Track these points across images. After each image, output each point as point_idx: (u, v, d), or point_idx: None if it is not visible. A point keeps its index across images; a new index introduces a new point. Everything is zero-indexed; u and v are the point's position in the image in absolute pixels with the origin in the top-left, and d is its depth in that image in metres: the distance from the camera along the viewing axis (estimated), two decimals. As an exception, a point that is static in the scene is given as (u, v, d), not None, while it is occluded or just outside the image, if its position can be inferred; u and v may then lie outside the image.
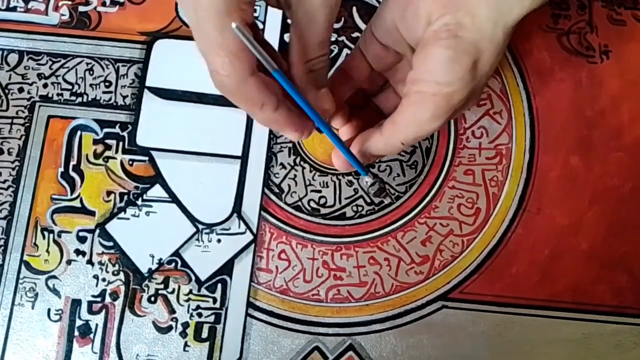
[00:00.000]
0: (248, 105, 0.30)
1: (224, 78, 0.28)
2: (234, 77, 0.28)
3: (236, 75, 0.28)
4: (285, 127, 0.32)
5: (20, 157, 0.44)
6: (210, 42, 0.28)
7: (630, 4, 0.47)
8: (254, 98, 0.30)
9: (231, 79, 0.28)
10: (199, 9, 0.27)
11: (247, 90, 0.29)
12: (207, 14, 0.27)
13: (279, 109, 0.31)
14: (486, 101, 0.45)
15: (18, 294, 0.42)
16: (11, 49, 0.45)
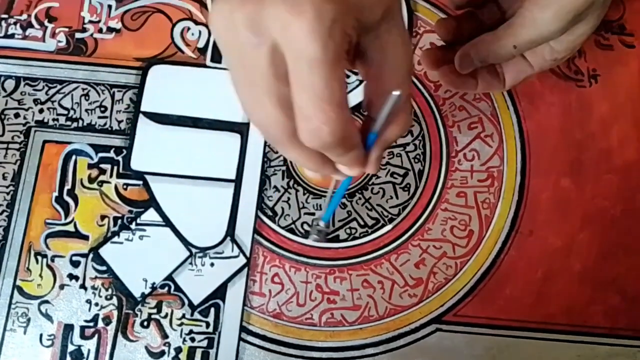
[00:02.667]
0: (345, 149, 0.28)
1: (328, 134, 0.26)
2: (339, 130, 0.26)
3: (341, 127, 0.26)
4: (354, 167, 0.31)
5: (15, 182, 0.44)
6: (314, 95, 0.25)
7: (617, 30, 0.48)
8: (352, 142, 0.28)
9: (336, 133, 0.26)
10: (301, 61, 0.25)
11: (348, 138, 0.27)
12: (317, 65, 0.24)
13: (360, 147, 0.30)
14: (477, 124, 0.46)
15: (10, 319, 0.41)
16: (8, 75, 0.46)
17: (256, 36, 0.25)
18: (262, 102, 0.27)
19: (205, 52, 0.47)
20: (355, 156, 0.30)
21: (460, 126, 0.46)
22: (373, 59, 0.29)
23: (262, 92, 0.26)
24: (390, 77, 0.29)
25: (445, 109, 0.46)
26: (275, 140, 0.29)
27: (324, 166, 0.30)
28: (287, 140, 0.28)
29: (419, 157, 0.45)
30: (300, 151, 0.29)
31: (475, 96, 0.46)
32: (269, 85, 0.26)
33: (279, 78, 0.26)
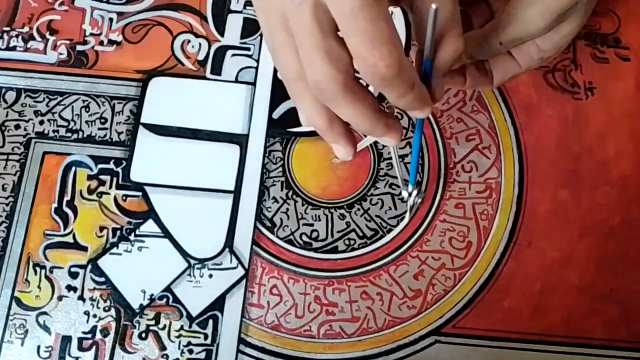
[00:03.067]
0: (404, 88, 0.29)
1: (385, 69, 0.27)
2: (395, 64, 0.27)
3: (396, 62, 0.27)
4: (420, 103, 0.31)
5: (15, 193, 0.44)
6: (365, 38, 0.26)
7: (613, 43, 0.49)
8: (409, 78, 0.29)
9: (392, 67, 0.27)
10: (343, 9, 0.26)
11: (404, 73, 0.28)
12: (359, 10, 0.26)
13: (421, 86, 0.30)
14: (475, 136, 0.46)
15: (7, 330, 0.41)
16: (9, 86, 0.46)
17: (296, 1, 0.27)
18: (312, 59, 0.28)
19: (205, 65, 0.47)
20: (418, 94, 0.30)
21: (458, 138, 0.46)
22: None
23: (311, 48, 0.28)
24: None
25: (443, 121, 0.46)
26: (329, 96, 0.29)
27: (378, 120, 0.31)
28: (340, 93, 0.29)
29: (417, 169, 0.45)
30: (354, 104, 0.29)
31: (472, 108, 0.47)
32: (317, 41, 0.27)
33: (324, 32, 0.27)
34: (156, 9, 0.49)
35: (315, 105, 0.31)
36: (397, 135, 0.33)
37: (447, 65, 0.31)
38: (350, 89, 0.29)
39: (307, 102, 0.31)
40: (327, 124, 0.32)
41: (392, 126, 0.32)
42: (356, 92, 0.29)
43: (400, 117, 0.46)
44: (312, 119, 0.32)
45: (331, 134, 0.32)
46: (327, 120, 0.31)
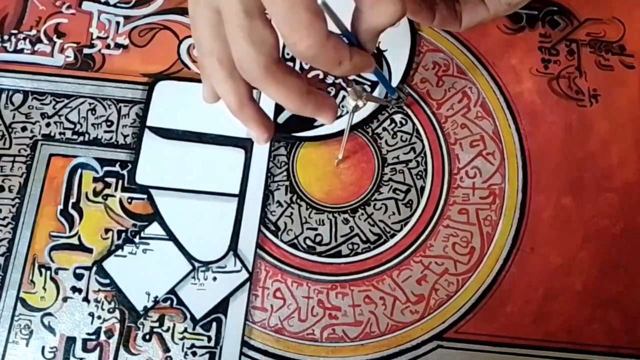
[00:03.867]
0: (328, 66, 0.30)
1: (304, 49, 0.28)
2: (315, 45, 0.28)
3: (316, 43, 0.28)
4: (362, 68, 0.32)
5: (21, 195, 0.44)
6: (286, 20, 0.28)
7: (617, 50, 0.49)
8: (333, 57, 0.30)
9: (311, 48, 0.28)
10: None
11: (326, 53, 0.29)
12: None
13: (354, 55, 0.31)
14: (479, 142, 0.46)
15: (13, 331, 0.42)
16: (16, 89, 0.47)
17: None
18: (235, 38, 0.29)
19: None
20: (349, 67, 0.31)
21: (462, 144, 0.46)
22: None
23: (235, 29, 0.29)
24: None
25: (447, 127, 0.47)
26: (252, 76, 0.30)
27: (305, 102, 0.32)
28: (263, 74, 0.29)
29: (421, 174, 0.45)
30: (278, 85, 0.30)
31: (477, 114, 0.47)
32: (242, 21, 0.28)
33: (250, 13, 0.28)
34: (163, 13, 0.49)
35: (227, 83, 0.31)
36: (330, 114, 0.33)
37: (381, 28, 0.31)
38: (273, 71, 0.29)
39: (219, 80, 0.32)
40: (237, 105, 0.32)
41: (323, 106, 0.33)
42: (279, 74, 0.30)
43: (404, 122, 0.47)
44: (224, 98, 0.32)
45: (241, 115, 0.33)
46: (237, 101, 0.32)
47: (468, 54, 0.48)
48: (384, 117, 0.47)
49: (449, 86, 0.48)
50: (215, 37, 0.30)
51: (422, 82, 0.48)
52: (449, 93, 0.47)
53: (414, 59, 0.48)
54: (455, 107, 0.47)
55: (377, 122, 0.47)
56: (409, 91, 0.45)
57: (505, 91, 0.48)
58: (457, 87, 0.48)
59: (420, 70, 0.48)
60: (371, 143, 0.46)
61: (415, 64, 0.48)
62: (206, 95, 0.35)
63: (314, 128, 0.46)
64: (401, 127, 0.47)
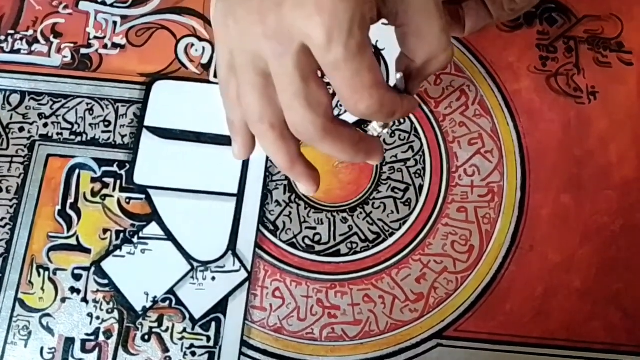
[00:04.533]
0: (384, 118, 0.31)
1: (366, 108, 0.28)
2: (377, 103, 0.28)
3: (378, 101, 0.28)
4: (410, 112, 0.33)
5: (19, 195, 0.44)
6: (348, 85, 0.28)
7: (615, 47, 0.49)
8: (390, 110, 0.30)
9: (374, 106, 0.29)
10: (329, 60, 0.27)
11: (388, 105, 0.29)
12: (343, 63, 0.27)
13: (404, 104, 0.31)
14: (477, 140, 0.46)
15: (11, 332, 0.41)
16: (14, 89, 0.47)
17: (280, 44, 0.27)
18: (292, 105, 0.28)
19: (209, 68, 0.48)
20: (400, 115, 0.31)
21: (460, 142, 0.46)
22: (397, 10, 0.29)
23: (292, 95, 0.28)
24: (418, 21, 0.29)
25: (446, 125, 0.47)
26: (309, 138, 0.30)
27: (357, 152, 0.31)
28: (319, 135, 0.29)
29: (419, 172, 0.45)
30: (334, 143, 0.30)
31: (475, 112, 0.47)
32: (298, 88, 0.28)
33: (306, 79, 0.28)
34: (160, 13, 0.49)
35: (277, 144, 0.31)
36: (378, 158, 0.33)
37: (429, 76, 0.32)
38: (329, 130, 0.29)
39: (270, 142, 0.31)
40: (289, 164, 0.32)
41: (373, 151, 0.33)
42: (335, 132, 0.29)
43: (403, 121, 0.47)
44: (275, 159, 0.32)
45: (292, 172, 0.33)
46: (289, 160, 0.32)
47: (466, 51, 0.48)
48: (382, 115, 0.47)
49: (447, 84, 0.48)
50: (267, 102, 0.29)
51: (420, 81, 0.47)
52: (447, 91, 0.47)
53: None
54: (454, 105, 0.47)
55: (375, 121, 0.46)
56: None
57: (504, 89, 0.48)
58: (455, 85, 0.48)
59: (419, 68, 0.48)
60: (369, 142, 0.46)
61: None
62: (238, 152, 0.35)
63: (312, 127, 0.46)
64: (399, 126, 0.47)
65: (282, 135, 0.30)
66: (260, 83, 0.29)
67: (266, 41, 0.28)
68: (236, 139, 0.34)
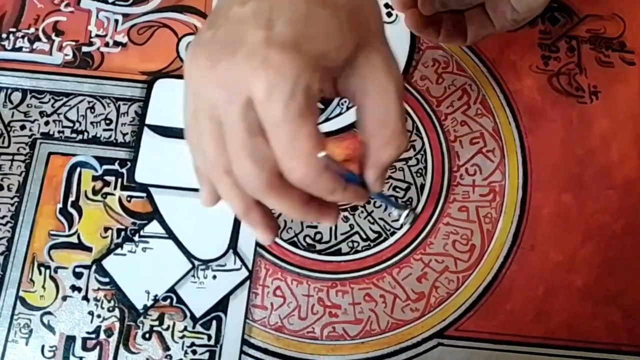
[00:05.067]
0: (320, 193, 0.30)
1: (298, 178, 0.28)
2: (310, 176, 0.28)
3: (311, 174, 0.28)
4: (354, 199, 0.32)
5: (20, 193, 0.44)
6: (284, 148, 0.27)
7: (617, 47, 0.49)
8: (327, 188, 0.29)
9: (306, 178, 0.28)
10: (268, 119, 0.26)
11: (321, 184, 0.29)
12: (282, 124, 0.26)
13: (348, 187, 0.30)
14: (479, 139, 0.46)
15: (12, 330, 0.41)
16: (15, 87, 0.47)
17: (228, 93, 0.27)
18: (238, 155, 0.28)
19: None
20: (341, 198, 0.30)
21: (462, 141, 0.46)
22: (356, 89, 0.29)
23: (237, 146, 0.28)
24: (376, 102, 0.29)
25: (447, 124, 0.47)
26: (254, 191, 0.29)
27: (307, 212, 0.31)
28: (264, 190, 0.29)
29: (421, 172, 0.45)
30: (280, 199, 0.29)
31: (477, 112, 0.47)
32: (244, 139, 0.27)
33: (252, 132, 0.27)
34: (161, 11, 0.49)
35: (233, 191, 0.30)
36: (331, 220, 0.33)
37: (389, 162, 0.31)
38: (275, 186, 0.29)
39: (225, 190, 0.31)
40: (243, 211, 0.32)
41: (325, 213, 0.32)
42: (281, 189, 0.29)
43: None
44: (230, 205, 0.32)
45: (247, 220, 0.32)
46: (243, 208, 0.31)
47: (468, 51, 0.48)
48: (383, 114, 0.47)
49: (448, 83, 0.47)
50: (221, 149, 0.29)
51: (422, 80, 0.47)
52: (448, 90, 0.47)
53: (414, 56, 0.48)
54: (455, 104, 0.47)
55: (376, 120, 0.46)
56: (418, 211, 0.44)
57: (505, 88, 0.47)
58: (457, 84, 0.48)
59: (420, 67, 0.48)
60: (371, 141, 0.46)
61: (415, 62, 0.48)
62: (205, 199, 0.34)
63: (314, 126, 0.46)
64: (401, 125, 0.46)
65: (237, 183, 0.30)
66: (214, 130, 0.29)
67: (217, 88, 0.27)
68: (202, 186, 0.34)
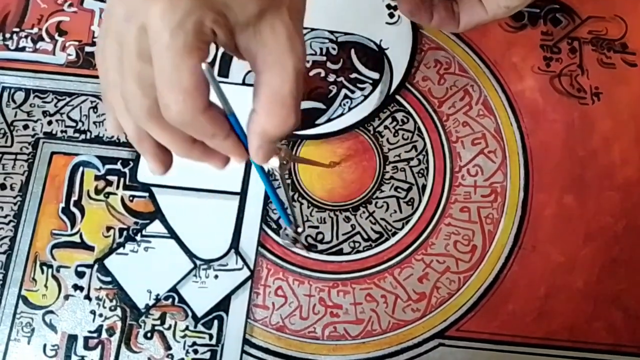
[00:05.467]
0: (199, 136, 0.30)
1: (175, 114, 0.28)
2: (186, 113, 0.28)
3: (188, 112, 0.28)
4: (233, 154, 0.32)
5: (23, 193, 0.44)
6: (164, 79, 0.27)
7: (619, 48, 0.49)
8: (205, 131, 0.29)
9: (183, 115, 0.28)
10: (155, 45, 0.27)
11: (198, 125, 0.29)
12: (166, 51, 0.26)
13: (230, 137, 0.30)
14: (481, 140, 0.46)
15: (14, 329, 0.42)
16: (18, 87, 0.47)
17: (128, 12, 0.27)
18: (125, 75, 0.28)
19: (213, 67, 0.48)
20: (216, 145, 0.30)
21: (463, 142, 0.46)
22: (256, 54, 0.29)
23: (127, 67, 0.28)
24: (273, 72, 0.29)
25: (449, 125, 0.47)
26: (135, 116, 0.30)
27: (190, 149, 0.31)
28: (145, 117, 0.29)
29: (422, 172, 0.45)
30: (161, 130, 0.30)
31: (478, 112, 0.47)
32: (132, 63, 0.28)
33: (142, 58, 0.27)
34: (164, 11, 0.49)
35: (127, 115, 0.31)
36: (219, 163, 0.33)
37: (274, 133, 0.30)
38: (156, 115, 0.29)
39: (120, 111, 0.31)
40: (136, 139, 0.32)
41: (210, 155, 0.32)
42: (164, 121, 0.29)
43: (406, 120, 0.47)
44: (125, 129, 0.32)
45: (139, 147, 0.32)
46: (136, 135, 0.32)
47: (470, 52, 0.48)
48: (385, 115, 0.47)
49: (450, 84, 0.48)
50: (119, 70, 0.29)
51: (424, 80, 0.47)
52: (450, 91, 0.47)
53: (416, 57, 0.48)
54: (457, 105, 0.47)
55: (378, 121, 0.47)
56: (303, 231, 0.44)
57: (507, 89, 0.48)
58: (459, 85, 0.48)
59: (422, 68, 0.48)
60: (373, 141, 0.46)
61: (417, 62, 0.48)
62: (108, 126, 0.34)
63: (316, 126, 0.46)
64: (403, 125, 0.47)
65: None
66: (117, 51, 0.29)
67: (121, 6, 0.28)
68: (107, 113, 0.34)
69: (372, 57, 0.48)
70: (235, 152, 0.32)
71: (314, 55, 0.48)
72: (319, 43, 0.48)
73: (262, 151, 0.31)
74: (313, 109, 0.47)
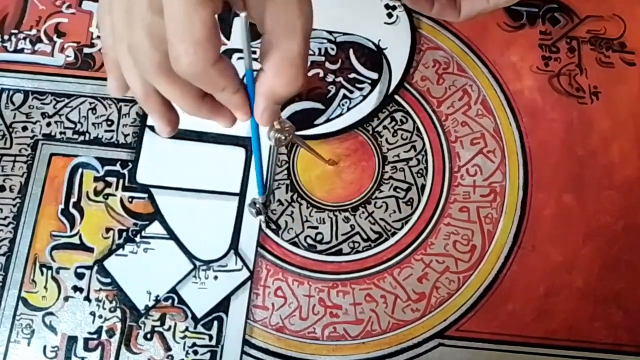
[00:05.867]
0: (209, 88, 0.30)
1: (186, 66, 0.27)
2: (197, 65, 0.27)
3: (199, 64, 0.27)
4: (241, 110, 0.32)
5: (22, 194, 0.44)
6: (176, 30, 0.26)
7: (618, 47, 0.49)
8: (215, 83, 0.29)
9: (194, 67, 0.27)
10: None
11: (209, 77, 0.28)
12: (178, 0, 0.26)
13: (239, 91, 0.30)
14: (480, 140, 0.46)
15: (14, 330, 0.42)
16: (17, 88, 0.47)
17: None
18: (134, 25, 0.28)
19: (211, 68, 0.48)
20: (225, 99, 0.30)
21: (462, 142, 0.46)
22: (265, 15, 0.28)
23: (137, 20, 0.28)
24: (282, 32, 0.29)
25: (448, 125, 0.47)
26: (143, 69, 0.29)
27: (198, 106, 0.31)
28: (154, 70, 0.29)
29: (421, 172, 0.45)
30: (170, 85, 0.29)
31: (477, 112, 0.47)
32: (143, 14, 0.27)
33: (153, 9, 0.27)
34: (163, 12, 0.49)
35: (134, 71, 0.30)
36: (226, 121, 0.33)
37: (281, 94, 0.30)
38: (166, 69, 0.28)
39: (127, 66, 0.30)
40: (142, 96, 0.31)
41: (219, 111, 0.32)
42: (173, 75, 0.28)
43: (405, 120, 0.47)
44: (131, 85, 0.31)
45: (146, 106, 0.32)
46: (143, 92, 0.31)
47: (468, 51, 0.48)
48: (384, 115, 0.47)
49: (449, 84, 0.48)
50: (128, 24, 0.29)
51: (423, 80, 0.48)
52: (449, 91, 0.47)
53: (414, 57, 0.48)
54: (456, 104, 0.47)
55: (377, 120, 0.47)
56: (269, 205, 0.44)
57: (506, 89, 0.48)
58: (458, 84, 0.48)
59: (421, 68, 0.48)
60: (372, 141, 0.46)
61: (416, 62, 0.48)
62: (111, 86, 0.34)
63: (314, 127, 0.46)
64: (402, 125, 0.47)
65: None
66: (124, 3, 0.29)
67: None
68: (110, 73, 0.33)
69: (371, 57, 0.48)
70: (243, 109, 0.31)
71: (313, 56, 0.48)
72: (317, 43, 0.48)
73: (267, 113, 0.31)
74: (312, 109, 0.47)
